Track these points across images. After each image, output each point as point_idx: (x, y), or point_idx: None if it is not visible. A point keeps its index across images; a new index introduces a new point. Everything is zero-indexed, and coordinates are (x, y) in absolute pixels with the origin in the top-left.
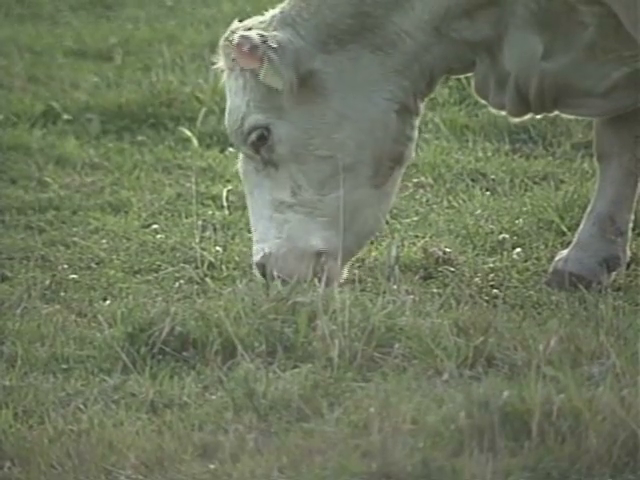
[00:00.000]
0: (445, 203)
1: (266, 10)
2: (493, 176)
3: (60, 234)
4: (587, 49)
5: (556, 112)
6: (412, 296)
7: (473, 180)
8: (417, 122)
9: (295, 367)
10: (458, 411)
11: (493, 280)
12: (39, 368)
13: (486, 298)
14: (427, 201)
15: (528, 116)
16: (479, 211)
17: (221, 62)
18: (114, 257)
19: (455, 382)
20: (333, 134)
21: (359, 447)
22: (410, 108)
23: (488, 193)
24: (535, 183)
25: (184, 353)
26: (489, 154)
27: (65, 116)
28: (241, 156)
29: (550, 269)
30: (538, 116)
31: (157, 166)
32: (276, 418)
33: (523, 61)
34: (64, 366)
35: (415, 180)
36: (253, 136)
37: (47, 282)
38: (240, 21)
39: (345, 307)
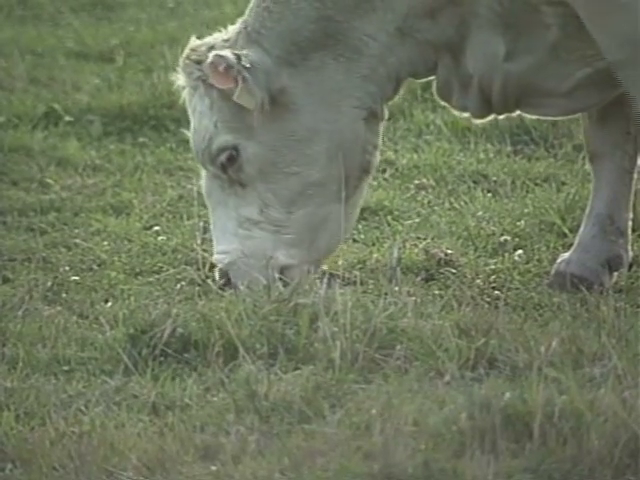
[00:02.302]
0: (447, 205)
1: None
2: (495, 178)
3: (61, 236)
4: (550, 49)
5: (518, 112)
6: (414, 298)
7: (475, 182)
8: (382, 128)
9: (296, 369)
10: (460, 413)
11: (495, 282)
12: (40, 370)
13: (488, 300)
14: (429, 203)
15: (491, 117)
16: (481, 213)
17: (182, 80)
18: (116, 259)
19: (456, 384)
20: (304, 150)
21: (361, 449)
22: (377, 114)
23: (490, 195)
24: (537, 185)
25: (186, 355)
26: (491, 156)
27: (67, 118)
28: (204, 173)
29: (552, 271)
30: (501, 117)
31: (159, 168)
32: (278, 420)
33: (486, 62)
34: (65, 368)
35: (416, 182)
36: (222, 157)
37: (48, 284)
38: (198, 38)
39: (347, 309)
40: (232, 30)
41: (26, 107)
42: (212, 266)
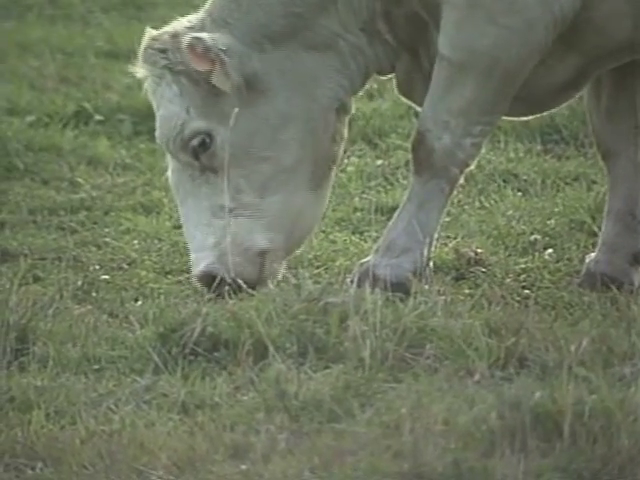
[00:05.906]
0: (477, 204)
1: None
2: (525, 177)
3: (92, 235)
4: None
5: None
6: (444, 297)
7: (505, 181)
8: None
9: (326, 368)
10: (489, 412)
11: (525, 281)
12: (71, 368)
13: (518, 299)
14: (459, 202)
15: None
16: (511, 212)
17: (143, 70)
18: (146, 258)
19: (487, 383)
20: (277, 135)
21: (390, 448)
22: (347, 107)
23: (520, 194)
24: (567, 184)
25: (215, 354)
26: (521, 155)
27: (97, 117)
28: (172, 165)
29: (583, 271)
30: None
31: None
32: (307, 419)
33: None
34: (96, 366)
35: None
36: (194, 142)
37: (79, 283)
38: (154, 28)
39: (376, 308)
40: (194, 18)
41: (56, 106)
42: None
